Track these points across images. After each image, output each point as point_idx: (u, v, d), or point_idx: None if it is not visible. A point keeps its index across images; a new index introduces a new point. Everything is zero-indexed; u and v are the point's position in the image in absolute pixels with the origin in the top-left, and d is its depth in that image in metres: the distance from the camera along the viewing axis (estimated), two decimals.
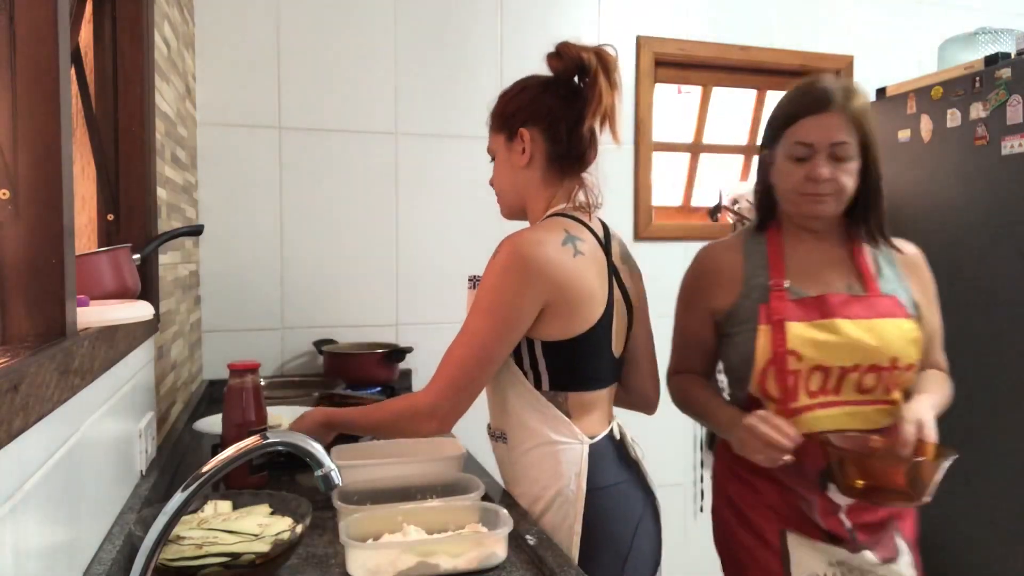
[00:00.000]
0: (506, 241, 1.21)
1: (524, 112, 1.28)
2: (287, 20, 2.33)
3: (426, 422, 1.20)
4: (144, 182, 1.45)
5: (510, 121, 1.30)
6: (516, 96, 1.30)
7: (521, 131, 1.28)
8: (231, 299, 2.30)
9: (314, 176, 2.37)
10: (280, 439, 0.83)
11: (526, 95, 1.29)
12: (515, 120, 1.29)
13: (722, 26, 2.80)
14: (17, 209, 0.76)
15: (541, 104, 1.27)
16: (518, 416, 1.25)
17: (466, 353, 1.20)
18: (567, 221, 1.25)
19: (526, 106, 1.28)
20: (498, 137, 1.33)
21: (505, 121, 1.31)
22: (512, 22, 2.53)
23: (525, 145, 1.28)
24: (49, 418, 0.69)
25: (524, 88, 1.30)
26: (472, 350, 1.20)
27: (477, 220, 2.53)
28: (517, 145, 1.29)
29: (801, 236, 1.35)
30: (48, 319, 0.77)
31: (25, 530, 0.69)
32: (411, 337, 2.45)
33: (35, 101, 0.76)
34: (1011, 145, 2.23)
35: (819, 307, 1.27)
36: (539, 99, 1.27)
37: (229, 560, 0.91)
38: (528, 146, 1.28)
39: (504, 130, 1.31)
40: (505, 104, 1.31)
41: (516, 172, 1.31)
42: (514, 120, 1.29)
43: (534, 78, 1.31)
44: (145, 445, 1.30)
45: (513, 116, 1.29)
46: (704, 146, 2.95)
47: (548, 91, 1.27)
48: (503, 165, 1.34)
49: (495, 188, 1.39)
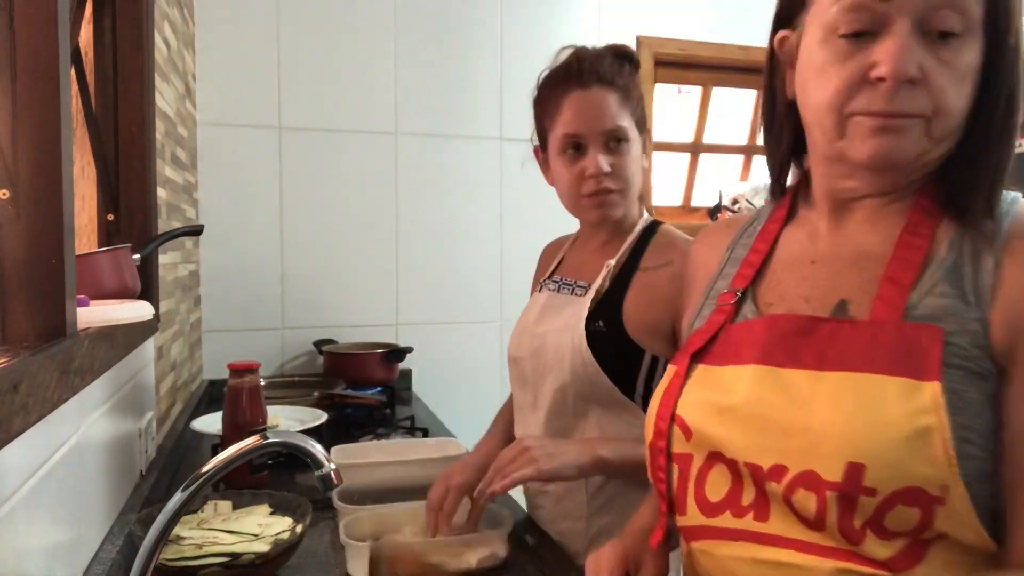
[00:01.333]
0: (682, 247, 1.08)
1: (643, 105, 1.16)
2: (287, 20, 2.33)
3: None
4: (144, 182, 1.45)
5: (642, 111, 1.15)
6: (637, 84, 1.15)
7: (647, 126, 1.16)
8: (231, 299, 2.30)
9: (314, 176, 2.37)
10: (280, 439, 0.83)
11: (638, 82, 1.15)
12: (644, 111, 1.16)
13: (722, 26, 2.79)
14: (17, 209, 0.76)
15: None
16: None
17: None
18: (678, 231, 1.17)
19: (643, 98, 1.16)
20: (630, 122, 1.12)
21: (639, 109, 1.14)
22: (512, 22, 2.53)
23: (647, 142, 1.16)
24: (49, 418, 0.69)
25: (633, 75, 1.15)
26: None
27: (477, 220, 2.53)
28: (643, 138, 1.14)
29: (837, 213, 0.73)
30: (48, 319, 0.77)
31: (25, 530, 0.69)
32: (411, 337, 2.45)
33: (35, 101, 0.76)
34: None
35: (751, 339, 0.71)
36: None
37: (229, 560, 0.91)
38: (650, 144, 1.17)
39: (636, 116, 1.13)
40: (637, 90, 1.14)
41: (640, 169, 1.15)
42: (643, 111, 1.16)
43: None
44: (145, 445, 1.30)
45: (641, 106, 1.15)
46: (704, 146, 2.95)
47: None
48: (636, 153, 1.13)
49: (625, 177, 1.11)
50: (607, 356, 1.06)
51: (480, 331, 2.54)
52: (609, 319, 1.07)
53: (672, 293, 1.02)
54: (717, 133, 2.97)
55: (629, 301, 1.08)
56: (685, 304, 0.88)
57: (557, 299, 1.17)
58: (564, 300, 1.16)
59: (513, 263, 2.55)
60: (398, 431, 1.78)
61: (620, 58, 1.13)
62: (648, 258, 1.11)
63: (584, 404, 1.09)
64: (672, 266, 1.07)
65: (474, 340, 2.53)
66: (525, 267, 2.61)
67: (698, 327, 0.78)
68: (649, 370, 1.07)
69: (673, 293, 1.02)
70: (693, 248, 0.90)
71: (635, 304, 1.07)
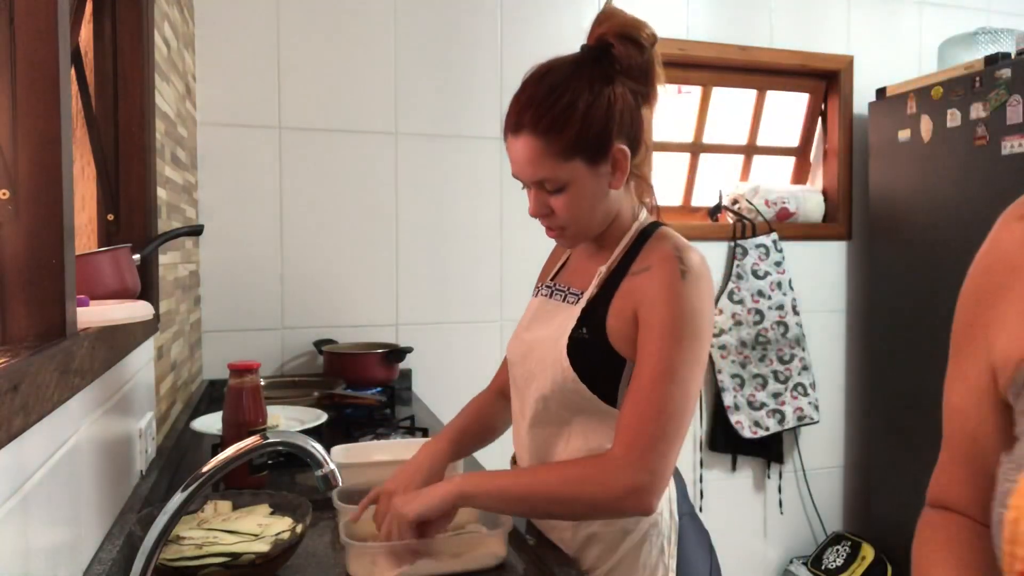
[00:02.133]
0: (670, 254, 1.02)
1: (612, 125, 1.01)
2: (287, 20, 2.33)
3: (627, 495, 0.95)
4: (144, 182, 1.45)
5: (596, 142, 1.01)
6: (592, 108, 1.00)
7: (616, 150, 1.02)
8: (231, 299, 2.30)
9: (314, 176, 2.37)
10: (280, 439, 0.83)
11: (603, 100, 1.00)
12: (604, 139, 1.01)
13: (722, 26, 2.80)
14: (17, 209, 0.76)
15: (625, 106, 1.03)
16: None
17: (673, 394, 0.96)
18: (675, 234, 1.09)
19: (611, 116, 1.01)
20: (570, 165, 1.01)
21: (588, 144, 1.00)
22: (512, 22, 2.53)
23: (622, 164, 1.03)
24: (49, 418, 0.69)
25: (591, 91, 1.00)
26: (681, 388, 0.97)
27: (477, 220, 2.53)
28: (606, 168, 1.03)
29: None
30: (48, 319, 0.77)
31: (25, 530, 0.69)
32: (411, 337, 2.45)
33: (35, 101, 0.76)
34: (1011, 145, 2.23)
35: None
36: (620, 101, 1.02)
37: (229, 560, 0.91)
38: (625, 164, 1.04)
39: (584, 153, 1.01)
40: (583, 123, 0.99)
41: (604, 197, 1.06)
42: (602, 139, 1.01)
43: (583, 68, 1.03)
44: (145, 445, 1.30)
45: (600, 136, 1.01)
46: (704, 146, 2.95)
47: (616, 83, 1.02)
48: (583, 194, 1.03)
49: (566, 219, 1.05)
50: (590, 364, 1.03)
51: (480, 331, 2.54)
52: (593, 327, 1.04)
53: (640, 297, 1.00)
54: (717, 133, 2.97)
55: (612, 307, 1.04)
56: (1002, 314, 0.61)
57: (549, 305, 1.15)
58: (555, 307, 1.13)
59: (513, 263, 2.55)
60: (398, 431, 1.78)
61: (580, 67, 1.02)
62: (637, 262, 1.05)
63: (567, 413, 1.07)
64: (650, 271, 1.02)
65: (474, 340, 2.53)
66: (525, 267, 2.61)
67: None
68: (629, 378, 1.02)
69: (640, 297, 1.00)
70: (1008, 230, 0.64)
71: (615, 310, 1.03)
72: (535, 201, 1.06)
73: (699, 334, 0.98)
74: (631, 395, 0.98)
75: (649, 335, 0.98)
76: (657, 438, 0.95)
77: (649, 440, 0.95)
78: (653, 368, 0.97)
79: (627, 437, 0.96)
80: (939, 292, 2.48)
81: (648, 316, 0.99)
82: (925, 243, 2.59)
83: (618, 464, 0.95)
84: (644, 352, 0.98)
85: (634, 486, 0.94)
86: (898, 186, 2.69)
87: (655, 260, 1.03)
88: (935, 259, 2.54)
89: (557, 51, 1.11)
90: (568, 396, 1.05)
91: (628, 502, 0.95)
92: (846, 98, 2.97)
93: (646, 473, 0.94)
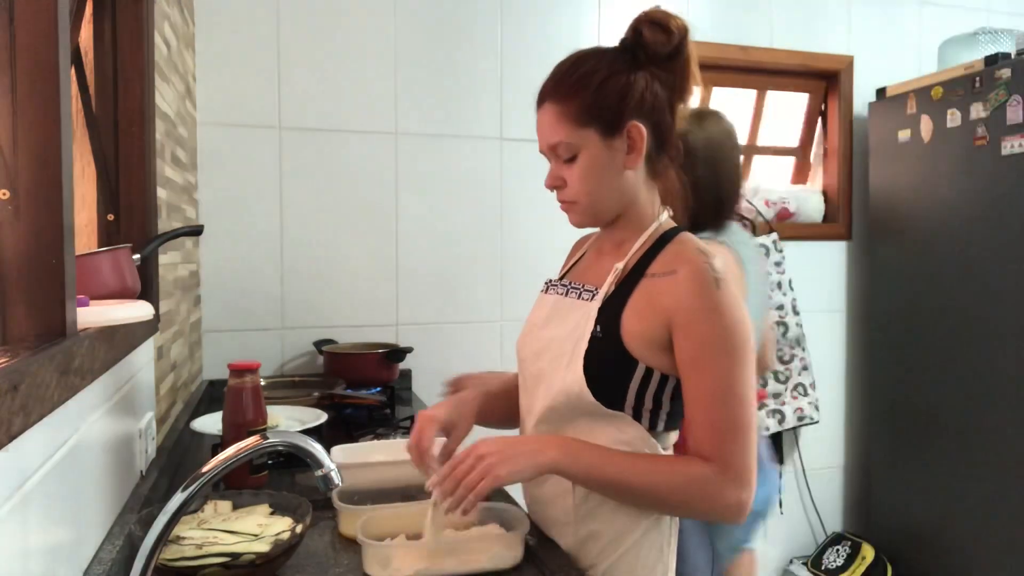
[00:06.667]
0: (698, 259, 1.02)
1: (629, 101, 1.04)
2: (287, 20, 2.33)
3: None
4: (144, 182, 1.45)
5: (610, 114, 1.04)
6: (609, 80, 1.04)
7: (632, 126, 1.04)
8: (231, 299, 2.30)
9: (314, 176, 2.37)
10: (280, 439, 0.83)
11: (622, 77, 1.04)
12: (619, 112, 1.04)
13: (722, 26, 2.80)
14: (17, 209, 0.76)
15: (648, 90, 1.05)
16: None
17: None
18: (694, 237, 1.10)
19: (629, 93, 1.04)
20: (583, 132, 1.04)
21: (602, 113, 1.04)
22: (512, 22, 2.53)
23: (637, 143, 1.05)
24: (49, 418, 0.69)
25: (612, 68, 1.05)
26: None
27: (477, 220, 2.53)
28: (621, 143, 1.05)
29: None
30: (48, 319, 0.77)
31: (25, 530, 0.69)
32: (411, 337, 2.45)
33: (35, 101, 0.76)
34: (1011, 145, 2.23)
35: None
36: (643, 83, 1.05)
37: (229, 560, 0.91)
38: (641, 144, 1.05)
39: (599, 123, 1.04)
40: (599, 91, 1.04)
41: (619, 176, 1.07)
42: (617, 112, 1.04)
43: (610, 52, 1.08)
44: (145, 445, 1.30)
45: (615, 109, 1.04)
46: None
47: (643, 70, 1.06)
48: (595, 164, 1.06)
49: (577, 191, 1.07)
50: (600, 362, 1.03)
51: (480, 331, 2.54)
52: (606, 325, 1.04)
53: (671, 304, 1.00)
54: None
55: (629, 308, 1.03)
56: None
57: (564, 303, 1.14)
58: (571, 305, 1.12)
59: (513, 263, 2.55)
60: (398, 431, 1.78)
61: (609, 51, 1.08)
62: (656, 265, 1.05)
63: (572, 413, 1.07)
64: (675, 275, 1.01)
65: (474, 340, 2.53)
66: (525, 267, 2.61)
67: None
68: (642, 383, 1.03)
69: (672, 304, 1.00)
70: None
71: (634, 312, 1.03)
72: (550, 172, 1.10)
73: (747, 341, 1.01)
74: (704, 413, 1.00)
75: (701, 352, 0.99)
76: (746, 454, 0.99)
77: (741, 458, 0.99)
78: (718, 386, 1.00)
79: (719, 455, 0.99)
80: (939, 292, 2.48)
81: (688, 328, 0.99)
82: (925, 243, 2.59)
83: (723, 481, 0.99)
84: (698, 368, 1.00)
85: (739, 503, 0.99)
86: (898, 186, 2.69)
87: (681, 264, 1.02)
88: (935, 259, 2.54)
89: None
90: (572, 399, 1.05)
91: (730, 514, 1.00)
92: (846, 98, 2.97)
93: (748, 490, 0.99)
